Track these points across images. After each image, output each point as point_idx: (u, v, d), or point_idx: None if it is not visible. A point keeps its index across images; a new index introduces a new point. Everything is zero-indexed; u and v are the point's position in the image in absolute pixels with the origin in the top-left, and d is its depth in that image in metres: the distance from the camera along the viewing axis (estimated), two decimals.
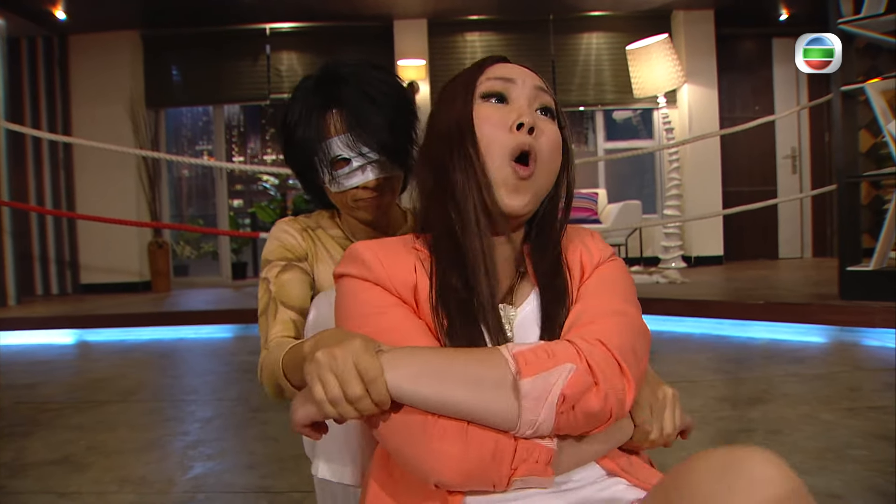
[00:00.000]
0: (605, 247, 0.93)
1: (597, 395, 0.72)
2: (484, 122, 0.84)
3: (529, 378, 0.71)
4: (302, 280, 1.19)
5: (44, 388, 3.30)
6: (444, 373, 0.72)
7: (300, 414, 0.75)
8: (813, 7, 5.89)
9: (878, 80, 3.87)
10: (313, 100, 1.17)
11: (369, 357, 0.70)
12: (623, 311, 0.82)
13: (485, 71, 0.89)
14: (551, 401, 0.71)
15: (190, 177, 10.86)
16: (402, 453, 0.75)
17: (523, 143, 0.83)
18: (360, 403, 0.70)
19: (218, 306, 5.72)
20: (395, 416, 0.73)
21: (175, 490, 1.89)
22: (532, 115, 0.85)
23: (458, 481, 0.73)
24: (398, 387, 0.71)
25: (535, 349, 0.74)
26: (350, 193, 1.18)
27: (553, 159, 0.86)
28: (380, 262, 0.85)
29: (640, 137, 8.26)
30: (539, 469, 0.73)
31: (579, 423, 0.73)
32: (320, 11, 7.27)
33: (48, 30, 7.17)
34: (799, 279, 5.76)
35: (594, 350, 0.74)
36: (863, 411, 2.36)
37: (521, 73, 0.89)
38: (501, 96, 0.86)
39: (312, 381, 0.70)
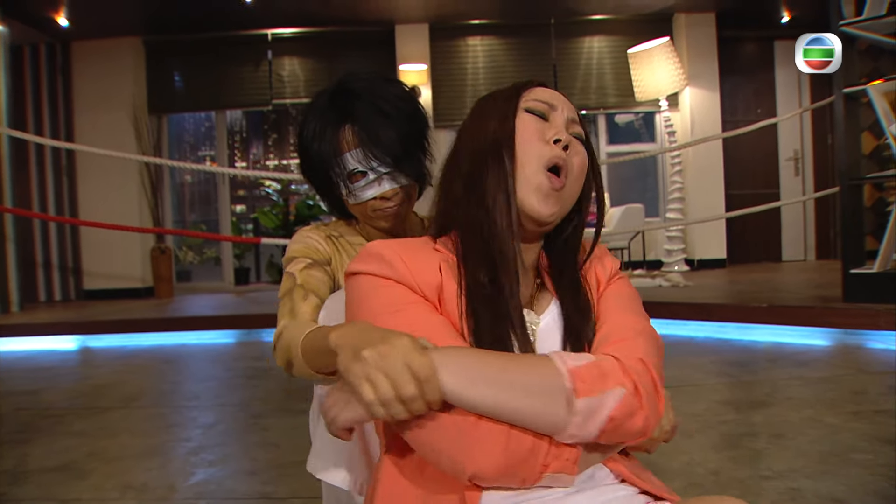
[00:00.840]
0: (614, 259, 0.98)
1: (640, 417, 0.76)
2: (524, 132, 0.87)
3: (585, 398, 0.73)
4: (324, 280, 1.22)
5: (46, 394, 3.30)
6: (498, 378, 0.73)
7: (346, 416, 0.73)
8: (814, 9, 5.90)
9: (881, 82, 3.86)
10: (328, 115, 1.19)
11: (421, 356, 0.69)
12: (648, 330, 0.87)
13: (528, 91, 0.92)
14: (600, 420, 0.73)
15: (192, 182, 10.88)
16: (439, 451, 0.74)
17: (558, 157, 0.86)
18: (414, 404, 0.69)
19: (220, 312, 5.72)
20: (440, 416, 0.73)
21: (177, 497, 1.89)
22: (567, 135, 0.88)
23: (494, 476, 0.74)
24: (452, 389, 0.71)
25: (588, 367, 0.76)
26: (368, 204, 1.21)
27: (580, 178, 0.90)
28: (402, 260, 0.85)
29: (643, 141, 8.24)
30: (568, 467, 0.75)
31: (616, 438, 0.77)
32: (322, 17, 7.28)
33: (51, 37, 7.20)
34: (802, 282, 5.74)
35: (638, 368, 0.78)
36: (867, 415, 2.34)
37: (561, 100, 0.92)
38: (543, 115, 0.90)
39: (360, 382, 0.69)
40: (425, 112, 1.25)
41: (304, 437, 1.28)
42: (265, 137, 11.01)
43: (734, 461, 1.97)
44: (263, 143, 11.05)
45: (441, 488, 0.78)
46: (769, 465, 1.90)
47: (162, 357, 4.42)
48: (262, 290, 7.48)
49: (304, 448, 1.27)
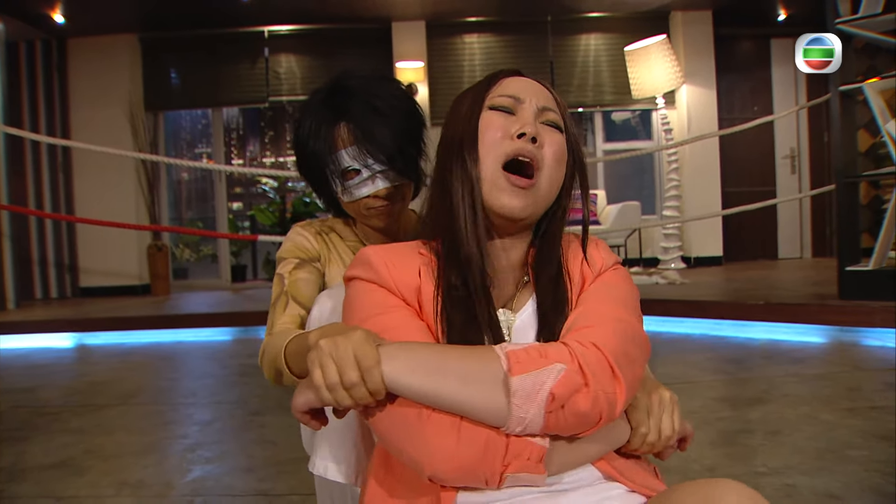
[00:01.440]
0: (609, 255, 0.94)
1: (586, 397, 0.73)
2: (487, 129, 0.87)
3: (520, 376, 0.72)
4: (313, 280, 1.23)
5: (42, 391, 3.29)
6: (438, 366, 0.74)
7: (299, 400, 0.76)
8: (811, 7, 5.89)
9: (877, 80, 3.87)
10: (323, 113, 1.20)
11: (368, 347, 0.72)
12: (620, 318, 0.83)
13: (497, 84, 0.91)
14: (540, 399, 0.72)
15: (189, 180, 10.84)
16: (397, 446, 0.77)
17: (521, 149, 0.85)
18: (356, 390, 0.72)
19: (217, 309, 5.72)
20: (391, 408, 0.75)
21: (174, 493, 1.89)
22: (535, 126, 0.87)
23: (451, 475, 0.74)
24: (393, 377, 0.73)
25: (527, 349, 0.75)
26: (362, 202, 1.22)
27: (557, 168, 0.88)
28: (385, 265, 0.88)
29: (639, 138, 8.26)
30: (531, 466, 0.74)
31: (569, 424, 0.74)
32: (318, 14, 7.27)
33: (47, 33, 7.17)
34: (798, 279, 5.76)
35: (587, 352, 0.75)
36: (863, 411, 2.35)
37: (531, 91, 0.90)
38: (508, 109, 0.89)
39: (312, 367, 0.72)
40: (421, 111, 1.26)
41: (301, 435, 1.28)
42: (262, 135, 10.99)
43: (730, 458, 1.97)
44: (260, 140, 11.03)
45: (421, 490, 0.79)
46: (765, 462, 1.91)
47: (158, 354, 4.42)
48: (259, 288, 7.47)
49: (301, 445, 1.28)
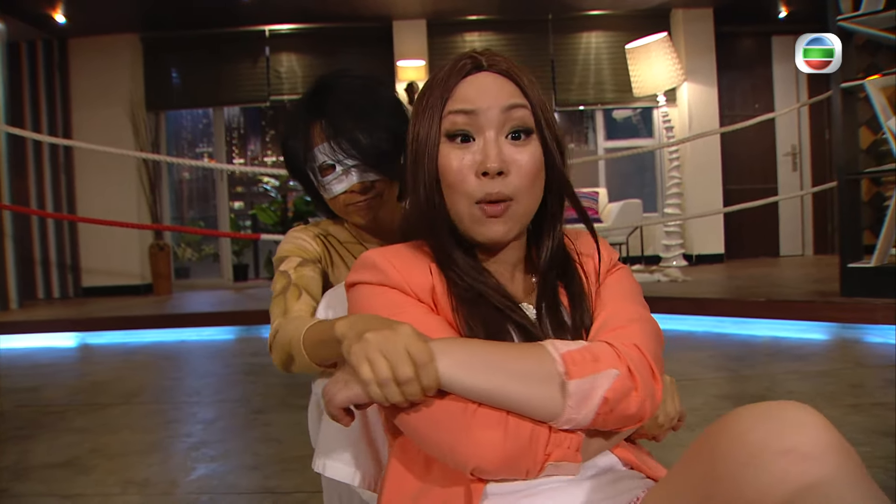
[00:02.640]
0: (612, 251, 0.97)
1: (636, 400, 0.76)
2: (447, 170, 0.84)
3: (577, 380, 0.73)
4: (318, 279, 1.23)
5: (46, 391, 3.30)
6: (493, 364, 0.74)
7: (342, 396, 0.74)
8: (812, 4, 5.89)
9: (878, 77, 3.87)
10: (301, 112, 1.23)
11: (420, 342, 0.71)
12: (646, 318, 0.86)
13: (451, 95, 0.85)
14: (594, 403, 0.73)
15: (190, 179, 10.84)
16: (437, 441, 0.75)
17: (489, 194, 0.83)
18: (409, 387, 0.70)
19: (219, 308, 5.72)
20: (436, 404, 0.74)
21: (179, 492, 1.90)
22: (499, 153, 0.83)
23: (495, 468, 0.74)
24: (448, 374, 0.72)
25: (581, 351, 0.76)
26: (340, 199, 1.22)
27: (532, 183, 0.85)
28: (394, 266, 0.87)
29: (641, 136, 8.25)
30: (570, 455, 0.75)
31: (614, 423, 0.76)
32: (319, 13, 7.27)
33: (48, 33, 7.17)
34: (800, 276, 5.76)
35: (632, 354, 0.77)
36: (865, 408, 2.36)
37: (486, 95, 0.84)
38: (466, 135, 0.84)
39: (359, 362, 0.70)
40: (406, 112, 1.25)
41: (305, 433, 1.28)
42: (263, 134, 10.98)
43: None
44: (261, 139, 11.02)
45: (446, 482, 0.79)
46: None
47: (161, 354, 4.43)
48: (261, 287, 7.47)
49: (306, 443, 1.28)
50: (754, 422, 0.61)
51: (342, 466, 1.06)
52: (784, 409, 0.61)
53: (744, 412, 0.63)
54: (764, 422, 0.60)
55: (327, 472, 1.07)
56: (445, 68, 0.88)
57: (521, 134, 0.85)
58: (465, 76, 0.86)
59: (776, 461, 0.58)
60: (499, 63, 0.86)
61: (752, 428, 0.60)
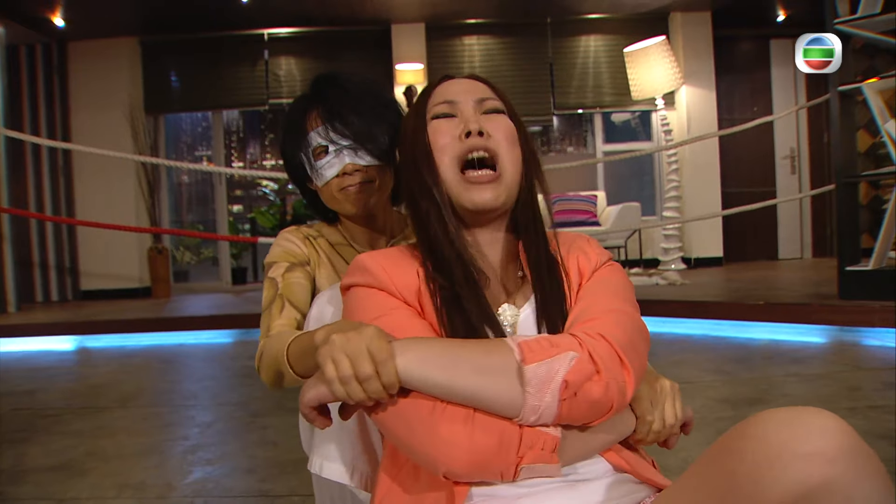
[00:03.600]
0: (603, 251, 0.97)
1: (598, 384, 0.75)
2: (434, 138, 0.93)
3: (533, 364, 0.73)
4: (305, 284, 1.25)
5: (43, 394, 3.30)
6: (451, 359, 0.75)
7: (310, 394, 0.77)
8: (810, 8, 5.90)
9: (876, 80, 3.87)
10: (298, 105, 1.28)
11: (381, 341, 0.74)
12: (622, 310, 0.86)
13: (431, 95, 0.97)
14: (554, 387, 0.73)
15: (189, 182, 10.85)
16: (409, 442, 0.77)
17: (472, 146, 0.91)
18: (370, 384, 0.72)
19: (218, 311, 5.71)
20: (403, 402, 0.76)
21: (174, 495, 1.89)
22: (478, 119, 0.93)
23: (465, 470, 0.74)
24: (407, 370, 0.74)
25: (538, 339, 0.77)
26: (333, 184, 1.24)
27: (511, 148, 0.93)
28: (383, 269, 0.90)
29: (639, 139, 8.25)
30: (545, 456, 0.74)
31: (582, 412, 0.75)
32: (318, 16, 7.28)
33: (47, 37, 7.18)
34: (798, 279, 5.76)
35: (595, 343, 0.77)
36: (863, 411, 2.35)
37: (463, 90, 0.96)
38: (449, 115, 0.94)
39: (325, 361, 0.73)
40: (399, 107, 1.30)
41: (300, 436, 1.28)
42: (262, 137, 10.99)
43: None
44: (260, 142, 11.02)
45: (432, 486, 0.79)
46: None
47: (159, 357, 4.42)
48: (259, 290, 7.43)
49: (302, 446, 1.28)
50: (777, 425, 0.62)
51: (338, 466, 1.06)
52: (807, 415, 0.62)
53: (767, 416, 0.64)
54: (787, 426, 0.61)
55: (324, 473, 1.07)
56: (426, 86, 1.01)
57: (495, 112, 0.95)
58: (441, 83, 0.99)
59: (798, 463, 0.59)
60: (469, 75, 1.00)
61: (775, 431, 0.61)
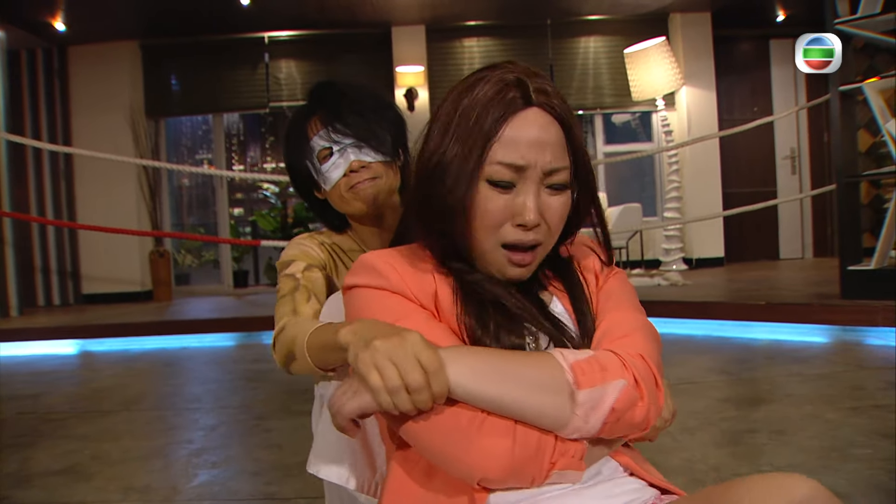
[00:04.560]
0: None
1: (641, 409, 0.77)
2: (484, 210, 0.82)
3: (587, 389, 0.74)
4: (324, 282, 1.24)
5: (47, 398, 3.30)
6: (503, 372, 0.74)
7: (352, 405, 0.72)
8: (810, 8, 5.91)
9: (876, 80, 3.87)
10: (299, 113, 1.30)
11: (430, 350, 0.70)
12: (646, 325, 0.87)
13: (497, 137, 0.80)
14: (602, 412, 0.74)
15: (190, 186, 10.86)
16: (445, 452, 0.74)
17: (522, 241, 0.83)
18: (419, 394, 0.69)
19: (220, 314, 5.72)
20: (445, 412, 0.73)
21: (180, 498, 1.89)
22: (538, 206, 0.81)
23: (502, 477, 0.74)
24: (458, 382, 0.71)
25: (589, 360, 0.76)
26: (341, 184, 1.25)
27: (558, 228, 0.85)
28: (395, 270, 0.85)
29: (640, 140, 8.26)
30: (574, 463, 0.75)
31: (619, 431, 0.77)
32: (318, 20, 7.29)
33: (48, 41, 7.19)
34: (800, 279, 5.76)
35: (638, 364, 0.78)
36: (866, 410, 2.36)
37: (539, 147, 0.80)
38: (508, 184, 0.81)
39: (368, 370, 0.69)
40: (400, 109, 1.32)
41: (306, 438, 1.28)
42: (262, 140, 11.01)
43: (735, 457, 1.98)
44: (261, 145, 11.04)
45: (449, 490, 0.78)
46: (770, 461, 1.91)
47: (162, 360, 4.42)
48: (261, 293, 7.47)
49: (307, 448, 1.27)
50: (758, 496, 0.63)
51: (336, 469, 1.06)
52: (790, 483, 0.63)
53: (750, 483, 0.64)
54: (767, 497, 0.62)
55: (322, 474, 1.07)
56: (489, 89, 0.83)
57: (559, 188, 0.84)
58: (515, 112, 0.82)
59: None
60: (548, 98, 0.83)
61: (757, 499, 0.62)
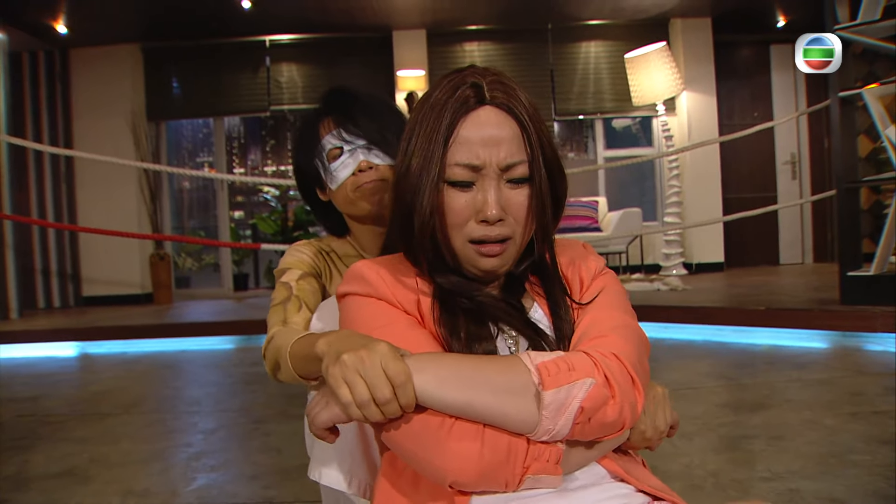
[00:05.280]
0: (598, 258, 0.97)
1: (613, 408, 0.75)
2: (449, 210, 0.85)
3: (552, 390, 0.73)
4: (317, 292, 1.26)
5: (46, 400, 3.30)
6: (469, 378, 0.74)
7: (324, 417, 0.75)
8: (810, 13, 5.92)
9: (876, 86, 3.88)
10: (310, 117, 1.32)
11: (397, 361, 0.71)
12: (626, 324, 0.86)
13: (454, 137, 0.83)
14: (570, 412, 0.73)
15: (191, 189, 10.86)
16: (417, 455, 0.76)
17: (486, 235, 0.85)
18: (388, 406, 0.71)
19: (219, 318, 5.73)
20: (414, 419, 0.74)
21: (178, 501, 1.89)
22: (498, 200, 0.83)
23: (473, 481, 0.74)
24: (425, 391, 0.73)
25: (556, 361, 0.76)
26: (348, 184, 1.26)
27: (524, 220, 0.86)
28: (381, 278, 0.88)
29: (640, 145, 8.28)
30: (550, 468, 0.75)
31: (593, 432, 0.76)
32: (319, 23, 7.31)
33: (49, 44, 7.21)
34: (800, 285, 5.76)
35: (610, 363, 0.77)
36: (865, 416, 2.36)
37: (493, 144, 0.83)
38: (467, 184, 0.84)
39: (337, 384, 0.71)
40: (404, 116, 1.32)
41: (304, 442, 1.29)
42: (263, 144, 11.01)
43: (733, 463, 1.98)
44: (261, 149, 11.05)
45: (433, 496, 0.79)
46: (768, 467, 1.91)
47: (162, 363, 4.42)
48: (261, 296, 7.48)
49: (306, 452, 1.28)
50: None
51: (336, 474, 1.06)
52: None
53: None
54: None
55: (322, 480, 1.08)
56: (446, 91, 0.85)
57: (519, 182, 0.85)
58: (467, 112, 0.84)
59: None
60: (501, 95, 0.84)
61: None
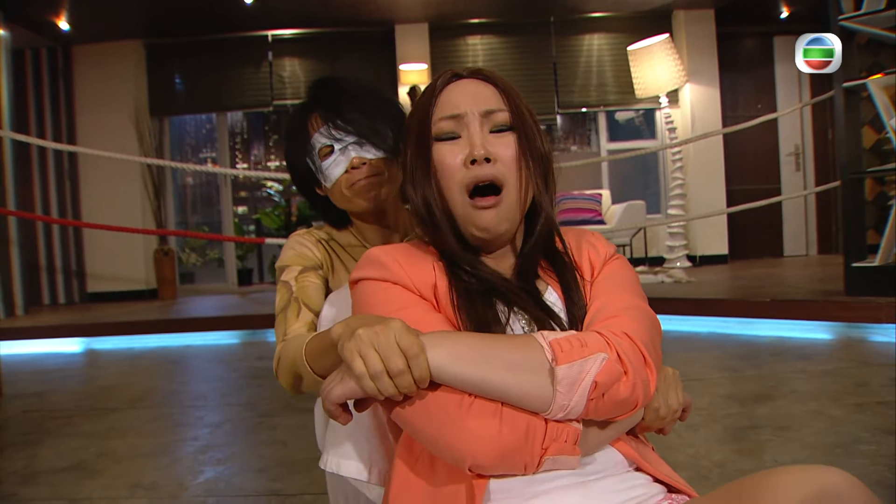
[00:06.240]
0: (609, 244, 0.98)
1: (626, 384, 0.76)
2: (439, 165, 0.90)
3: (565, 365, 0.74)
4: (319, 286, 1.24)
5: (53, 396, 3.31)
6: (483, 354, 0.75)
7: (338, 391, 0.75)
8: (813, 4, 5.90)
9: (881, 76, 3.86)
10: (298, 112, 1.29)
11: (411, 335, 0.73)
12: (639, 306, 0.88)
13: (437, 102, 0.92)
14: (584, 387, 0.74)
15: (194, 184, 10.85)
16: (434, 436, 0.76)
17: (478, 176, 0.88)
18: (401, 378, 0.72)
19: (224, 312, 5.73)
20: (431, 396, 0.75)
21: (186, 495, 1.90)
22: (483, 143, 0.89)
23: (492, 462, 0.75)
24: (440, 366, 0.74)
25: (569, 338, 0.77)
26: (342, 181, 1.24)
27: (517, 170, 0.90)
28: (398, 263, 0.89)
29: (643, 138, 8.25)
30: (568, 448, 0.75)
31: (607, 410, 0.77)
32: (322, 18, 7.30)
33: (52, 41, 7.21)
34: (804, 276, 5.75)
35: (622, 342, 0.78)
36: (870, 406, 2.36)
37: (470, 98, 0.91)
38: (453, 135, 0.90)
39: (352, 357, 0.72)
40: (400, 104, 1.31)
41: (311, 435, 1.29)
42: (266, 138, 11.00)
43: (739, 453, 1.98)
44: (264, 144, 11.03)
45: (450, 481, 0.79)
46: (774, 457, 1.91)
47: (167, 358, 4.44)
48: (266, 291, 7.49)
49: (312, 445, 1.28)
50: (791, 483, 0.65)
51: (356, 464, 1.05)
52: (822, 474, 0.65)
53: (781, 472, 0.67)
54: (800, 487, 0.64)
55: (341, 471, 1.06)
56: (431, 83, 0.95)
57: (502, 129, 0.91)
58: (446, 85, 0.93)
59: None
60: (476, 72, 0.94)
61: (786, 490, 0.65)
